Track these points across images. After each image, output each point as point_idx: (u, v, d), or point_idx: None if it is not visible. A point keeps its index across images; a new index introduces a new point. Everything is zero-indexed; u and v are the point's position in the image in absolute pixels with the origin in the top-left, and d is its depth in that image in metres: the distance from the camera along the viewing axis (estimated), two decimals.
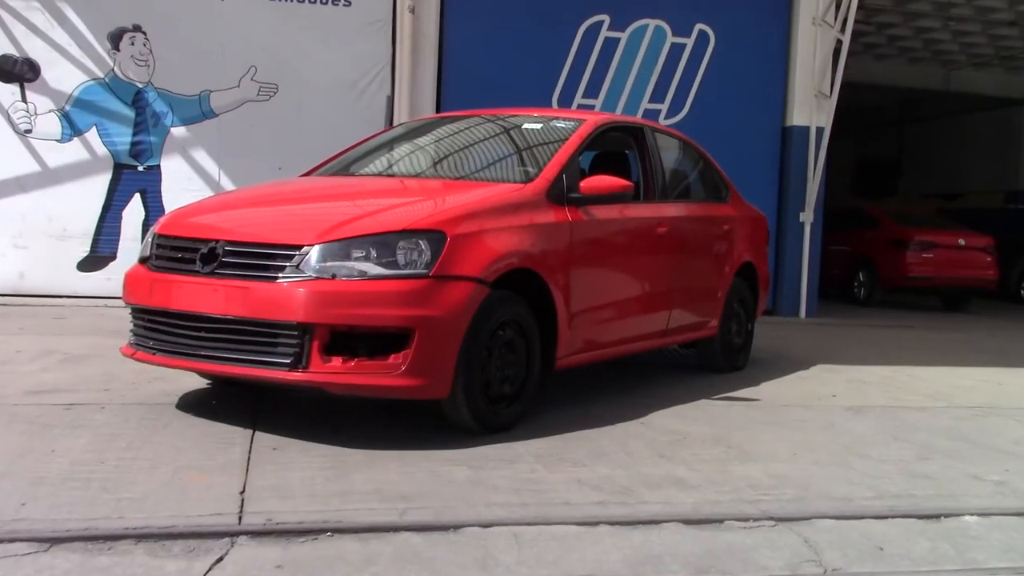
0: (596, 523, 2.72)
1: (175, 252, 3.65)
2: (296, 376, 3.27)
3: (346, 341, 3.29)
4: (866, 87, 14.38)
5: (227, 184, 7.89)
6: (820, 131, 9.30)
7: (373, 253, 3.35)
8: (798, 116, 9.38)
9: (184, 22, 7.88)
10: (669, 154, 5.40)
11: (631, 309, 4.60)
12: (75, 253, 7.75)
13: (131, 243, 7.72)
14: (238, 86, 7.99)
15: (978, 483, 3.40)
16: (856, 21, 9.46)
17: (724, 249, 5.56)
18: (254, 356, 3.33)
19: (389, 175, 4.59)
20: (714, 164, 5.85)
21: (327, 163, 4.83)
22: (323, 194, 4.32)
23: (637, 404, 4.44)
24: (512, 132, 4.81)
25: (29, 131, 7.67)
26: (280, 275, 3.32)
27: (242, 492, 2.80)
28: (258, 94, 8.05)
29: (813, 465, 3.53)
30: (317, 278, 3.29)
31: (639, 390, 4.86)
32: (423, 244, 3.39)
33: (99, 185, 7.78)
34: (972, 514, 3.04)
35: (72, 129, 7.72)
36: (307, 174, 4.76)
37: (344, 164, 4.77)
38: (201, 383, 4.35)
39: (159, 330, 3.60)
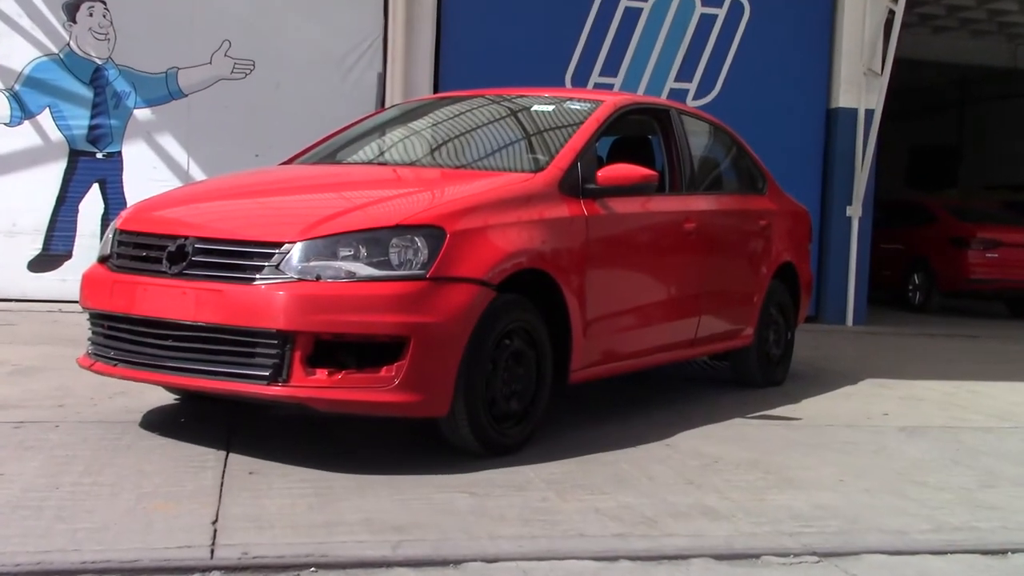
0: (615, 558, 2.72)
1: (139, 250, 3.66)
2: (275, 391, 3.28)
3: (332, 351, 3.30)
4: (922, 64, 14.37)
5: (197, 173, 7.92)
6: (869, 114, 9.30)
7: (363, 252, 3.36)
8: (844, 97, 9.38)
9: None
10: (698, 140, 5.40)
11: (655, 316, 4.61)
12: (26, 251, 7.78)
13: (89, 240, 7.75)
14: (210, 63, 8.02)
15: None
16: None
17: (761, 248, 5.56)
18: (228, 368, 3.34)
19: (380, 163, 4.60)
20: (749, 151, 5.85)
21: (310, 150, 4.84)
22: (306, 185, 4.32)
23: (662, 424, 4.44)
24: (520, 115, 4.82)
25: None
26: (258, 276, 3.33)
27: (214, 522, 2.80)
28: (232, 72, 8.07)
29: (862, 493, 3.52)
30: (299, 280, 3.30)
31: (664, 408, 4.86)
32: (419, 241, 3.40)
33: (53, 174, 7.81)
34: None
35: (22, 111, 7.76)
36: (288, 162, 4.78)
37: (330, 151, 4.78)
38: (168, 398, 4.36)
39: (121, 338, 3.61)
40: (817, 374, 6.25)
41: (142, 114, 7.95)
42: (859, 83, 9.35)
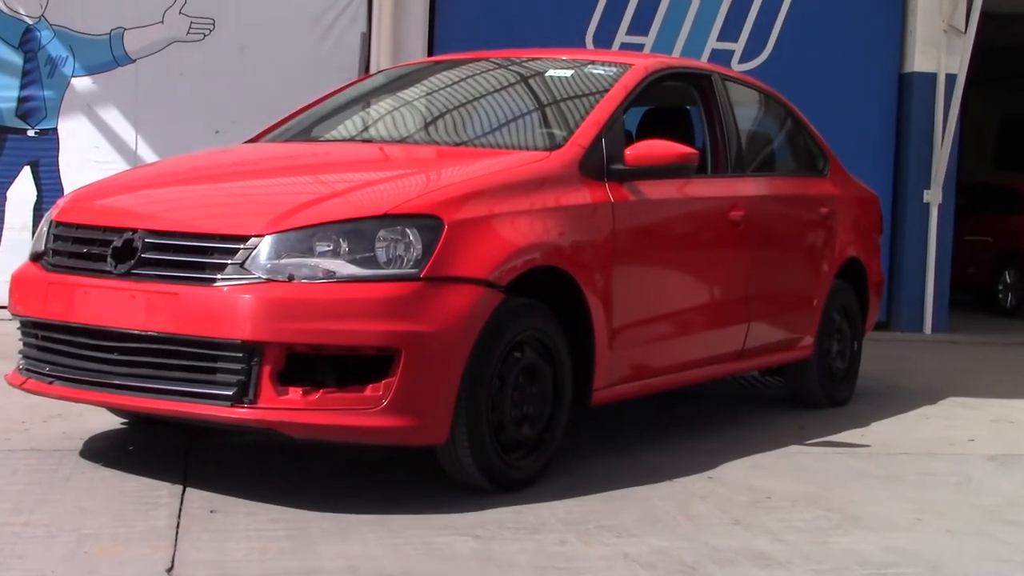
0: None
1: (78, 246, 3.68)
2: (241, 413, 3.29)
3: (308, 366, 3.31)
4: (1015, 19, 14.31)
5: (147, 154, 7.94)
6: (951, 80, 9.28)
7: (344, 246, 3.37)
8: (921, 60, 9.36)
9: None
10: (746, 111, 5.40)
11: (695, 323, 4.61)
12: None
13: (18, 234, 7.77)
14: (161, 22, 8.05)
15: None
16: None
17: (822, 240, 5.56)
18: (185, 386, 3.35)
19: (365, 141, 4.61)
20: (807, 125, 5.85)
21: (281, 125, 4.86)
22: (276, 166, 4.33)
23: (703, 451, 4.43)
24: (532, 82, 4.82)
25: None
26: (219, 276, 3.34)
27: (169, 569, 2.81)
28: (188, 32, 8.09)
29: (944, 535, 3.52)
30: (268, 281, 3.31)
31: (706, 432, 4.85)
32: (411, 234, 3.41)
33: None
34: None
35: None
36: (255, 140, 4.79)
37: (304, 126, 4.80)
38: (114, 422, 4.37)
39: (57, 351, 3.62)
40: (889, 392, 6.24)
41: (81, 83, 7.97)
42: (938, 43, 9.33)
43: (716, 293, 4.74)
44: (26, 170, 7.92)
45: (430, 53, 8.18)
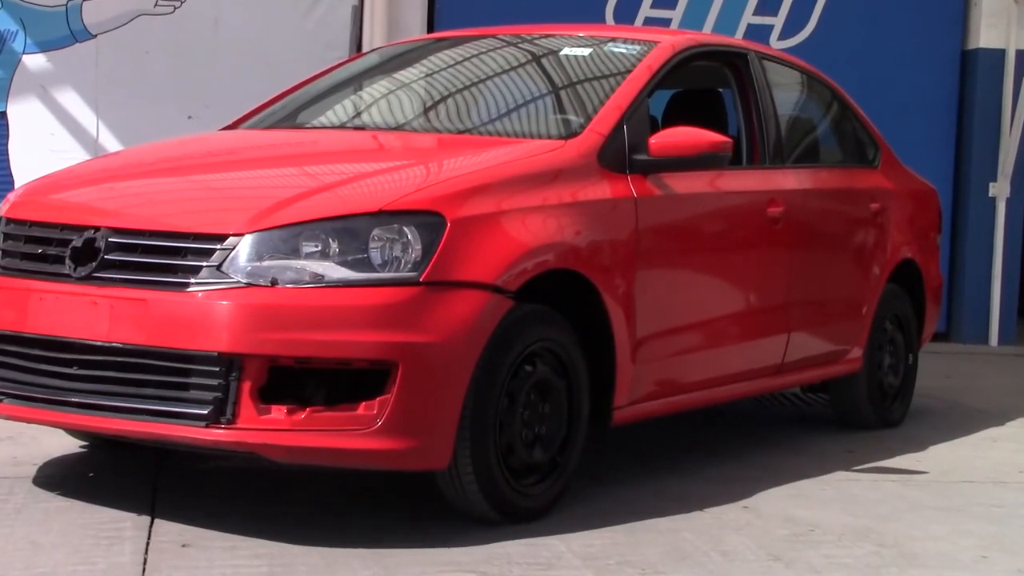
0: None
1: (32, 246, 3.69)
2: (217, 435, 3.30)
3: (293, 382, 3.33)
4: None
5: (110, 142, 7.95)
6: (1021, 56, 9.26)
7: (334, 247, 3.38)
8: (987, 34, 9.33)
9: None
10: (787, 94, 5.40)
11: (728, 334, 4.62)
12: None
13: None
14: None
15: None
16: None
17: (872, 240, 5.56)
18: (153, 404, 3.36)
19: (357, 128, 4.63)
20: (856, 110, 5.86)
21: (262, 110, 4.88)
22: (257, 157, 4.36)
23: (738, 478, 4.44)
24: (545, 62, 4.84)
25: None
26: (193, 280, 3.36)
27: None
28: (156, 5, 8.11)
29: (1014, 575, 3.51)
30: (249, 285, 3.32)
31: (740, 456, 4.86)
32: (409, 233, 3.42)
33: None
34: None
35: None
36: (232, 126, 4.81)
37: (288, 112, 4.82)
38: (72, 445, 4.39)
39: (9, 365, 3.63)
40: (949, 411, 6.23)
41: (34, 61, 7.98)
42: (1007, 15, 9.30)
43: (752, 300, 4.75)
44: None
45: (430, 29, 8.19)
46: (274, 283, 3.33)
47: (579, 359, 3.84)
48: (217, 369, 3.29)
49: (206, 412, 3.30)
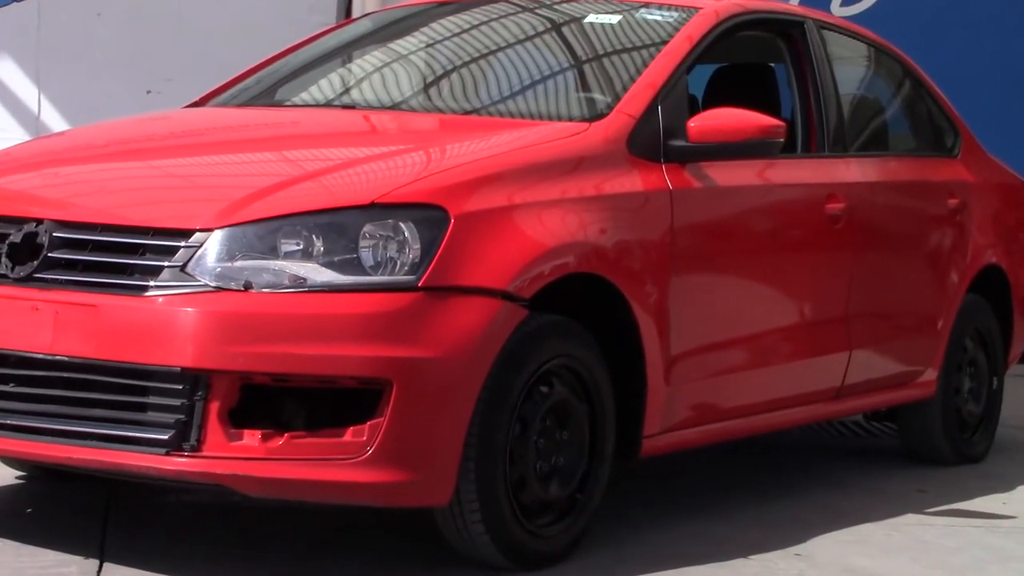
0: None
1: None
2: (179, 464, 3.29)
3: (269, 403, 3.32)
4: None
5: (54, 121, 7.96)
6: None
7: (318, 245, 3.39)
8: None
9: None
10: (850, 70, 5.40)
11: (778, 351, 4.62)
12: None
13: None
14: None
15: None
16: None
17: (950, 242, 5.55)
18: (104, 428, 3.35)
19: (346, 107, 4.64)
20: (932, 89, 5.85)
21: (234, 84, 4.90)
22: (229, 139, 4.37)
23: (789, 520, 4.44)
24: (566, 30, 4.85)
25: None
26: (152, 283, 3.35)
27: None
28: None
29: None
30: (218, 289, 3.32)
31: (792, 495, 4.86)
32: (407, 229, 3.42)
33: None
34: None
35: None
36: (199, 104, 4.83)
37: (266, 87, 4.83)
38: (8, 476, 4.38)
39: None
40: None
41: None
42: None
43: (807, 311, 4.75)
44: None
45: None
46: (248, 287, 3.32)
47: (604, 379, 3.84)
48: (180, 387, 3.28)
49: (166, 437, 3.29)
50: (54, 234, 3.49)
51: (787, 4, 6.47)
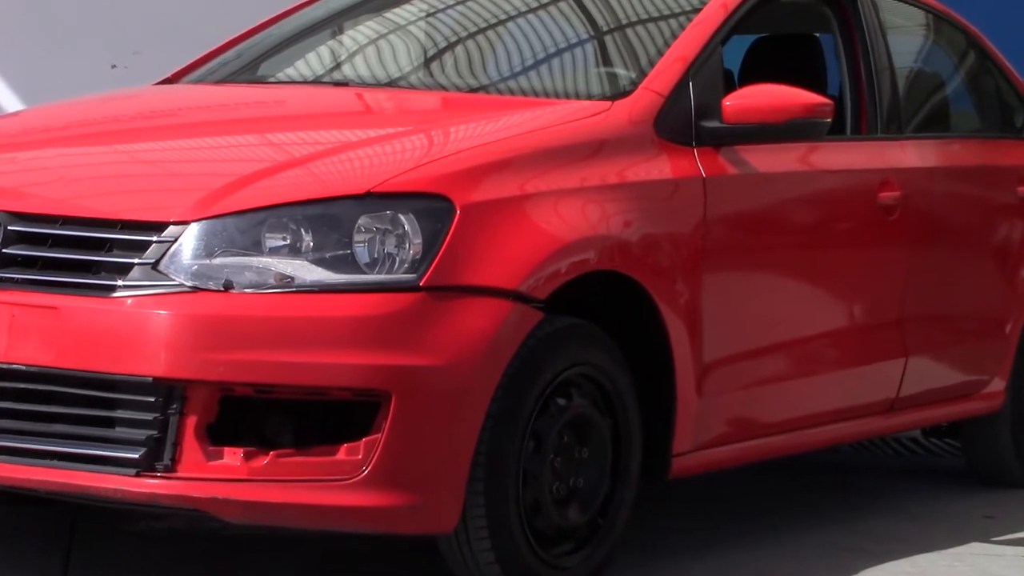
0: None
1: None
2: (152, 487, 3.28)
3: (252, 418, 3.33)
4: None
5: (6, 99, 7.96)
6: None
7: (307, 240, 3.38)
8: None
9: None
10: (907, 41, 5.39)
11: (825, 358, 4.62)
12: None
13: None
14: None
15: None
16: None
17: (1020, 235, 5.54)
18: (67, 446, 3.35)
19: (337, 84, 4.65)
20: (1000, 62, 5.83)
21: (211, 59, 4.91)
22: (206, 121, 4.37)
23: (838, 549, 4.43)
24: None
25: None
26: (121, 283, 3.35)
27: None
28: None
29: None
30: (195, 290, 3.32)
31: (841, 520, 4.85)
32: (407, 222, 3.42)
33: None
34: None
35: None
36: (171, 80, 4.84)
37: (247, 62, 4.84)
38: None
39: None
40: None
41: None
42: None
43: (857, 313, 4.75)
44: None
45: None
46: (228, 287, 3.32)
47: (628, 390, 3.84)
48: (152, 400, 3.28)
49: (137, 456, 3.28)
50: (9, 228, 3.48)
51: None
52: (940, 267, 5.13)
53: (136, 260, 3.37)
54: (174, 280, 3.33)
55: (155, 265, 3.35)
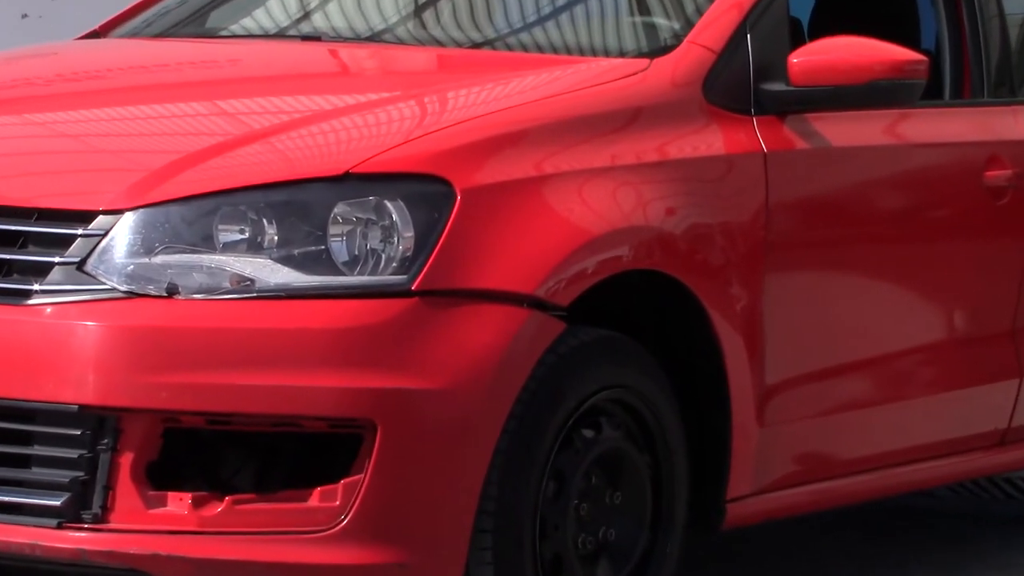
0: None
1: None
2: (78, 541, 3.28)
3: (203, 455, 3.34)
4: None
5: None
6: None
7: (271, 233, 3.38)
8: None
9: None
10: None
11: (917, 379, 4.63)
12: None
13: None
14: None
15: None
16: None
17: None
18: None
19: (306, 38, 4.65)
20: None
21: (146, 7, 4.93)
22: (142, 85, 4.37)
23: None
24: None
25: None
26: (38, 287, 3.36)
27: None
28: None
29: None
30: (130, 295, 3.33)
31: None
32: (395, 211, 3.43)
33: None
34: None
35: None
36: (98, 33, 4.86)
37: (191, 10, 4.88)
38: None
39: None
40: None
41: None
42: None
43: (959, 324, 4.76)
44: None
45: None
46: (172, 291, 3.32)
47: (672, 418, 3.84)
48: (77, 433, 3.28)
49: (59, 504, 3.29)
50: None
51: None
52: None
53: (56, 259, 3.37)
54: (104, 283, 3.34)
55: (80, 265, 3.35)
